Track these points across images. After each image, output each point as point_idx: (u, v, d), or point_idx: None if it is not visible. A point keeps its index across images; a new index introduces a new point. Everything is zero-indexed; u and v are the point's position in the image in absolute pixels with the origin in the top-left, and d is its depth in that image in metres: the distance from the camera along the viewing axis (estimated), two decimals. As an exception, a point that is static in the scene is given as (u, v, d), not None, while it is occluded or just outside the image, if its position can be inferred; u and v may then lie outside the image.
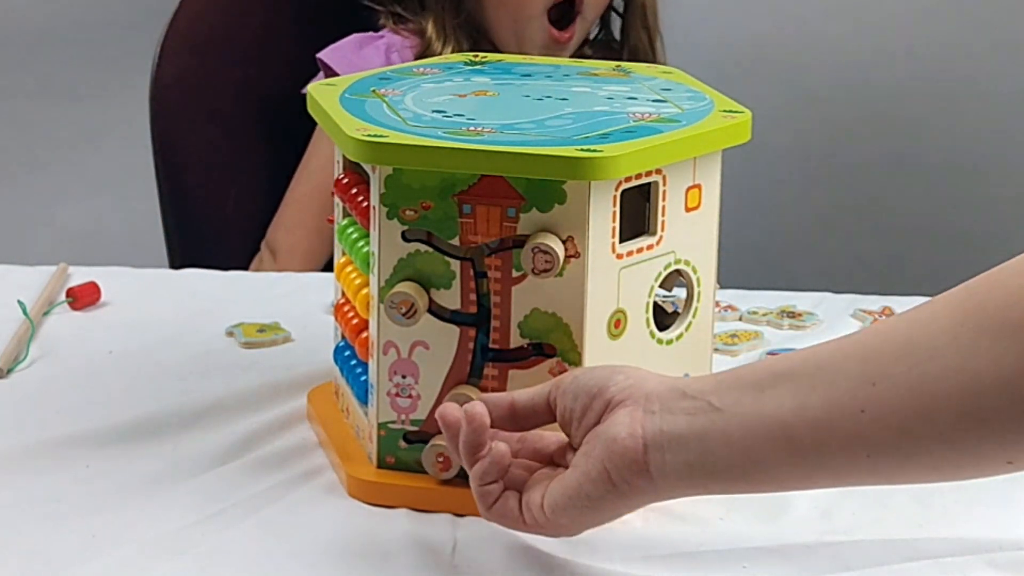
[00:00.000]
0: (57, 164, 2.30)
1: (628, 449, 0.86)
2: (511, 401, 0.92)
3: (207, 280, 1.38)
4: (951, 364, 0.77)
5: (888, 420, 0.79)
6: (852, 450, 0.81)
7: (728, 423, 0.84)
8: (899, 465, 0.81)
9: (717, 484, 0.86)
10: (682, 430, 0.85)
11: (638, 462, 0.86)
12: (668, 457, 0.85)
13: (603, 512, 0.88)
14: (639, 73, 1.15)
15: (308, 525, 0.98)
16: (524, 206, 0.95)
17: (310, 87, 1.09)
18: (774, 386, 0.83)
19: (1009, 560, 0.95)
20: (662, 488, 0.86)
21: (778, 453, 0.83)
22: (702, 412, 0.85)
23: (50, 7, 2.24)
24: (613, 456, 0.86)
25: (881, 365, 0.80)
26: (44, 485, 1.03)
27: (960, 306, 0.79)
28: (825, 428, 0.81)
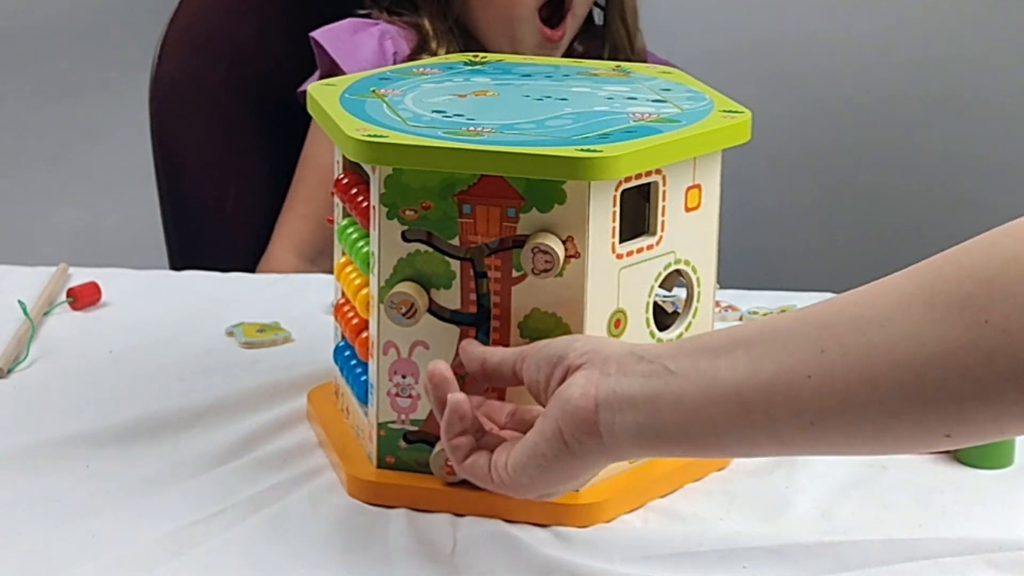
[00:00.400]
0: (57, 164, 2.30)
1: (579, 409, 0.86)
2: (483, 358, 0.94)
3: (207, 280, 1.38)
4: (898, 335, 0.78)
5: (833, 387, 0.80)
6: (798, 416, 0.81)
7: (680, 386, 0.84)
8: (842, 433, 0.81)
9: (666, 447, 0.86)
10: (634, 392, 0.85)
11: (588, 422, 0.86)
12: (618, 418, 0.86)
13: (558, 472, 0.88)
14: (639, 73, 1.15)
15: (308, 525, 0.98)
16: (524, 206, 0.95)
17: (310, 87, 1.09)
18: (730, 352, 0.84)
19: (1009, 560, 0.95)
20: (611, 448, 0.87)
21: (727, 417, 0.83)
22: (656, 375, 0.85)
23: (49, 6, 2.24)
24: (565, 416, 0.87)
25: (833, 333, 0.81)
26: (44, 485, 1.03)
27: (915, 280, 0.80)
28: (773, 393, 0.81)
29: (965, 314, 0.76)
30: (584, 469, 0.89)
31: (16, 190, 2.31)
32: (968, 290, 0.76)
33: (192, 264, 1.56)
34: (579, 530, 0.98)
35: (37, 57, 2.26)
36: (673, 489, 1.03)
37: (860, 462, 1.06)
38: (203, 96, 1.70)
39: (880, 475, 1.05)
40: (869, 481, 1.04)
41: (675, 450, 0.86)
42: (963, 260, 0.79)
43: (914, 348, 0.77)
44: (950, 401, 0.77)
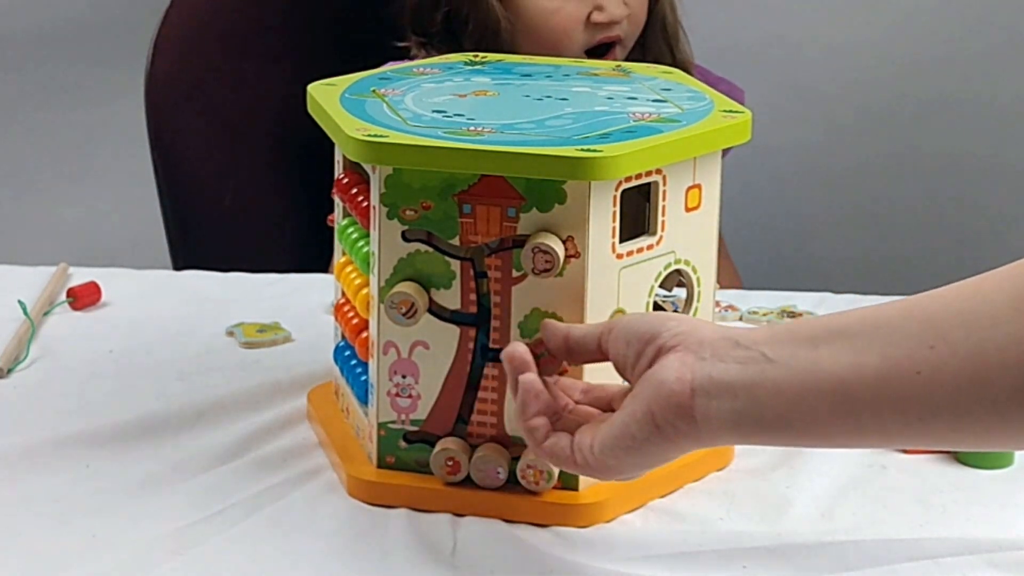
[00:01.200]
0: (56, 165, 2.29)
1: (674, 393, 0.85)
2: (566, 333, 0.93)
3: (207, 280, 1.38)
4: (1011, 335, 0.77)
5: (944, 384, 0.79)
6: (905, 412, 0.80)
7: (781, 374, 0.83)
8: (950, 430, 0.80)
9: (763, 435, 0.85)
10: (732, 378, 0.84)
11: (683, 406, 0.85)
12: (715, 404, 0.85)
13: (647, 455, 0.87)
14: (639, 73, 1.15)
15: (308, 525, 0.98)
16: (524, 206, 0.95)
17: (310, 87, 1.09)
18: (830, 342, 0.83)
19: (1009, 560, 0.95)
20: (705, 434, 0.86)
21: (831, 409, 0.82)
22: (754, 362, 0.84)
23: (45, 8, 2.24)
24: (659, 399, 0.86)
25: (941, 329, 0.80)
26: (44, 485, 1.03)
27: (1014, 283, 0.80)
28: (880, 387, 0.81)
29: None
30: (674, 452, 0.88)
31: (16, 191, 2.31)
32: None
33: (193, 259, 1.56)
34: (579, 530, 0.98)
35: (34, 58, 2.26)
36: (673, 489, 1.03)
37: (860, 462, 1.06)
38: (197, 91, 1.70)
39: (880, 475, 1.05)
40: (869, 481, 1.04)
41: (773, 438, 0.85)
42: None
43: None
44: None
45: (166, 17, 1.68)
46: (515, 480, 0.99)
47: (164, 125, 1.67)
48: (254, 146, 1.74)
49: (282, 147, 1.73)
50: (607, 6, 1.60)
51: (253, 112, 1.72)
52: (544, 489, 0.99)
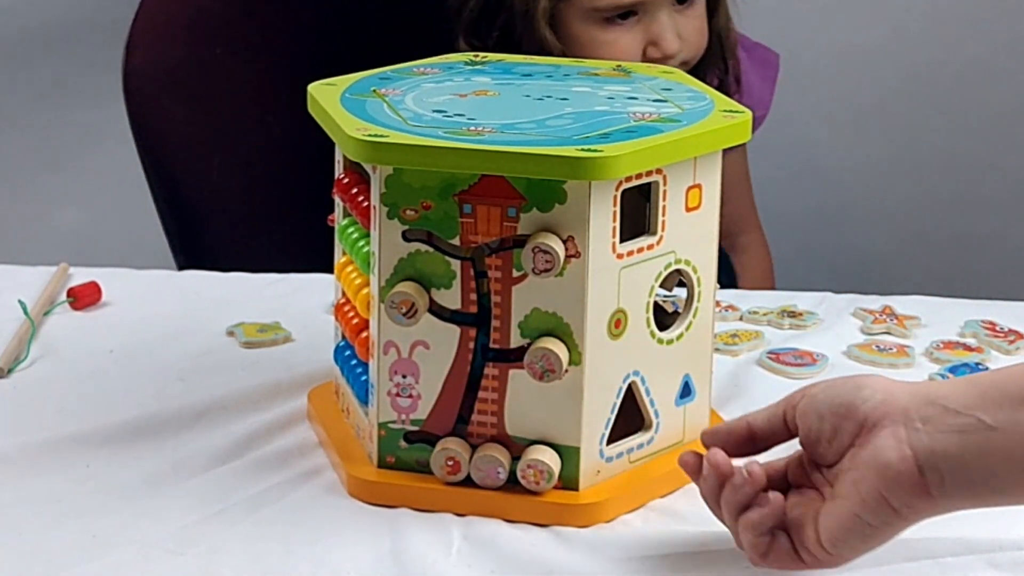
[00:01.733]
0: (52, 167, 2.29)
1: (903, 474, 0.84)
2: (747, 425, 0.92)
3: (207, 280, 1.38)
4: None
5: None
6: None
7: (1009, 441, 0.83)
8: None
9: (1002, 499, 0.85)
10: (957, 450, 0.83)
11: (917, 485, 0.84)
12: (948, 479, 0.84)
13: (885, 536, 0.86)
14: (639, 73, 1.15)
15: (308, 525, 0.98)
16: (525, 206, 0.95)
17: (311, 87, 1.09)
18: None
19: (1010, 560, 0.94)
20: (942, 507, 0.85)
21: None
22: (975, 430, 0.83)
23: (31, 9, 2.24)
24: (888, 482, 0.84)
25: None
26: (44, 485, 1.03)
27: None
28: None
29: None
30: (907, 527, 0.87)
31: (14, 194, 2.31)
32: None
33: (193, 254, 1.56)
34: (579, 530, 0.98)
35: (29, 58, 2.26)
36: (673, 489, 1.03)
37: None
38: (175, 82, 1.70)
39: (880, 475, 1.05)
40: (869, 481, 1.04)
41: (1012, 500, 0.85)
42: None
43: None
44: None
45: (139, 11, 1.67)
46: (515, 480, 0.99)
47: (147, 120, 1.67)
48: (239, 136, 1.73)
49: (268, 137, 1.72)
50: (661, 42, 1.55)
51: (234, 101, 1.72)
52: (544, 489, 0.99)
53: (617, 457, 1.01)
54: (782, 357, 1.21)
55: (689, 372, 1.04)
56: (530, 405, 0.98)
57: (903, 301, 1.32)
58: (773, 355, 1.21)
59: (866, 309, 1.31)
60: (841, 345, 1.25)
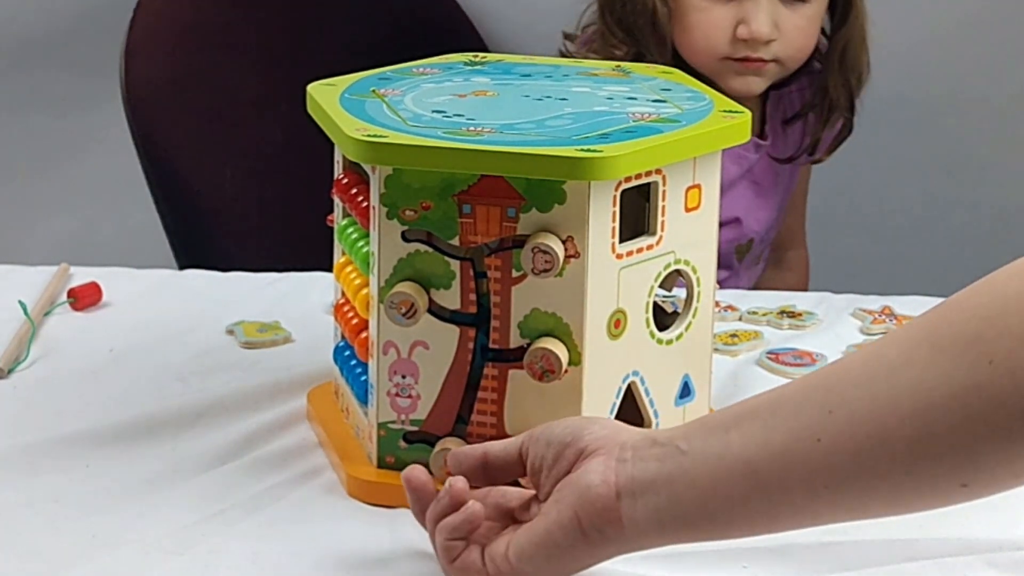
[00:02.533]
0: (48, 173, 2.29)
1: (601, 496, 0.84)
2: (483, 453, 0.92)
3: (207, 280, 1.38)
4: (905, 383, 0.77)
5: (844, 447, 0.78)
6: (811, 482, 0.80)
7: (694, 464, 0.83)
8: (858, 496, 0.79)
9: (687, 531, 0.85)
10: (651, 475, 0.84)
11: (610, 509, 0.84)
12: (639, 504, 0.84)
13: (569, 561, 0.86)
14: (639, 73, 1.15)
15: (308, 525, 0.98)
16: (524, 206, 0.95)
17: (310, 87, 1.09)
18: (739, 425, 0.82)
19: (1009, 560, 0.95)
20: (631, 537, 0.85)
21: (742, 491, 0.82)
22: (670, 457, 0.84)
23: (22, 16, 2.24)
24: (585, 504, 0.84)
25: (840, 392, 0.79)
26: (44, 485, 1.02)
27: (919, 329, 0.78)
28: (785, 461, 0.80)
29: (969, 353, 0.74)
30: (594, 560, 0.87)
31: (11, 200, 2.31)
32: (973, 329, 0.75)
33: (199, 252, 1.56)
34: (579, 530, 0.98)
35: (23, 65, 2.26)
36: (673, 489, 1.03)
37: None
38: (178, 92, 1.70)
39: (880, 475, 1.05)
40: (869, 481, 1.04)
41: (697, 533, 0.85)
42: (968, 302, 0.77)
43: (922, 396, 0.76)
44: (962, 448, 0.75)
45: (133, 23, 1.67)
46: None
47: (149, 130, 1.67)
48: (241, 141, 1.74)
49: (269, 139, 1.72)
50: (752, 21, 1.53)
51: (235, 106, 1.72)
52: (544, 489, 0.99)
53: (617, 457, 1.01)
54: (781, 357, 1.21)
55: (688, 372, 1.04)
56: (530, 405, 0.98)
57: (903, 301, 1.32)
58: (772, 355, 1.21)
59: (865, 309, 1.31)
60: (840, 345, 1.25)
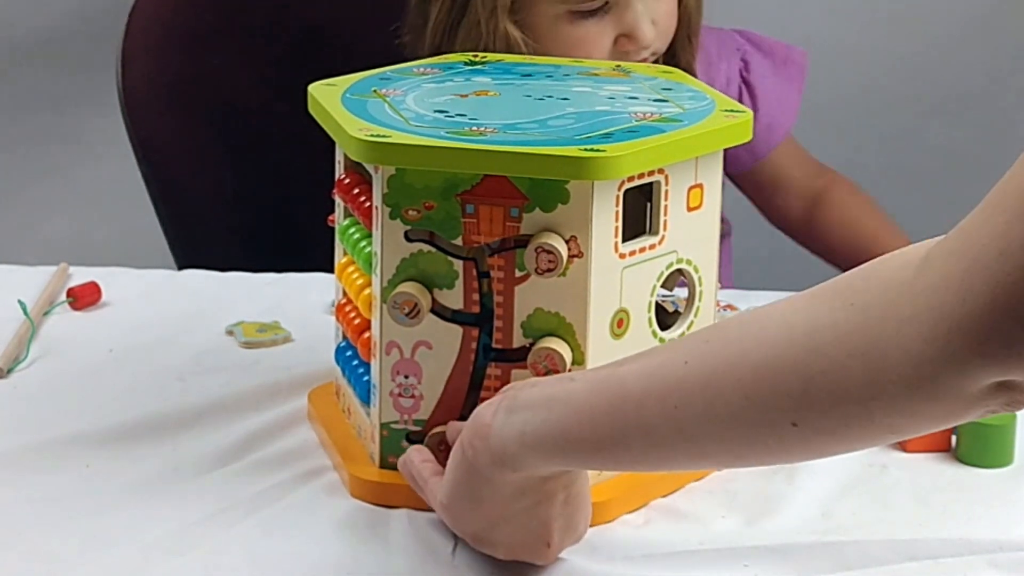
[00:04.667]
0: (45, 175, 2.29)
1: (479, 415, 0.87)
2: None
3: (207, 280, 1.38)
4: (774, 320, 0.78)
5: (702, 368, 0.80)
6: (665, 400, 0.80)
7: (575, 387, 0.85)
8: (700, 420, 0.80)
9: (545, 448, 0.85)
10: (535, 397, 0.85)
11: (483, 425, 0.86)
12: (510, 418, 0.85)
13: (464, 490, 0.88)
14: (639, 73, 1.15)
15: (309, 525, 0.98)
16: (527, 206, 0.95)
17: (311, 87, 1.09)
18: (636, 358, 0.84)
19: (1010, 560, 0.95)
20: (498, 453, 0.85)
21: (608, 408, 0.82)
22: (559, 383, 0.86)
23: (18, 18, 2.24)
24: (469, 423, 0.87)
25: (724, 328, 0.81)
26: (44, 485, 1.02)
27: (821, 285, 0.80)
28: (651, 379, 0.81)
29: (837, 298, 0.76)
30: (484, 487, 0.87)
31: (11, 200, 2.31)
32: (848, 280, 0.77)
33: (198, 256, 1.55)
34: (581, 530, 0.98)
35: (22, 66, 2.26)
36: (675, 488, 1.03)
37: (861, 461, 1.06)
38: (176, 93, 1.69)
39: (881, 474, 1.05)
40: (870, 480, 1.04)
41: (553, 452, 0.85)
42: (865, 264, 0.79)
43: (783, 331, 0.77)
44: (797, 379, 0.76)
45: (130, 24, 1.67)
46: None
47: (146, 132, 1.67)
48: (240, 141, 1.74)
49: (267, 141, 1.72)
50: (636, 32, 1.42)
51: (233, 107, 1.72)
52: (546, 489, 0.99)
53: (619, 457, 1.01)
54: (782, 357, 1.21)
55: (690, 372, 1.04)
56: (532, 405, 0.98)
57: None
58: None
59: (865, 309, 1.31)
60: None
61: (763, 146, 1.56)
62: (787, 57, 1.60)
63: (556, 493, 0.89)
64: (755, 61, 1.57)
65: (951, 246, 0.73)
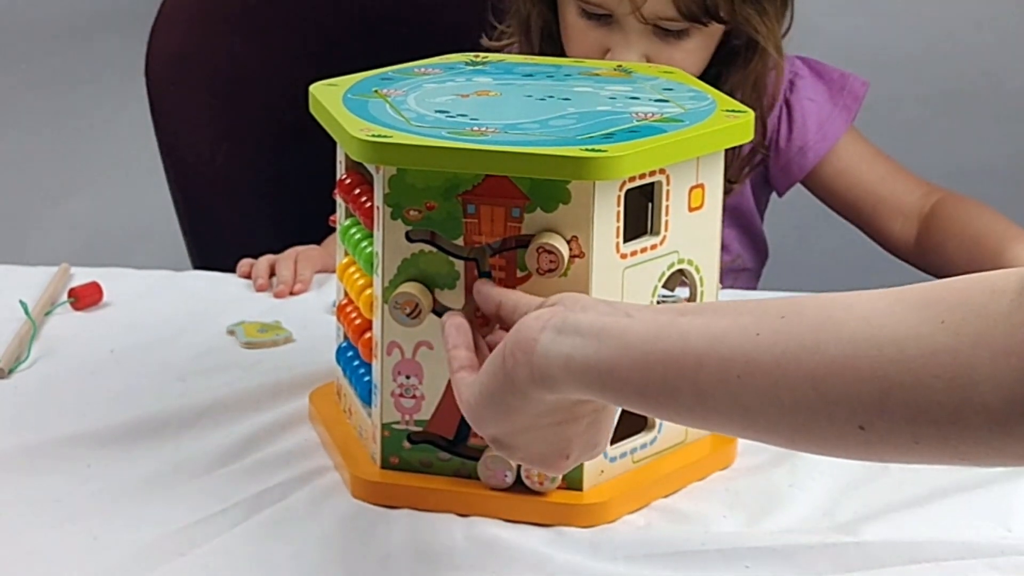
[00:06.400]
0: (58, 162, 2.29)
1: (525, 328, 0.83)
2: (498, 303, 0.92)
3: (208, 280, 1.38)
4: (857, 315, 0.76)
5: (774, 345, 0.77)
6: (728, 368, 0.78)
7: (631, 325, 0.81)
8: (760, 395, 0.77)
9: (590, 382, 0.81)
10: (586, 323, 0.82)
11: (527, 340, 0.82)
12: (558, 340, 0.82)
13: (498, 400, 0.84)
14: (641, 73, 1.15)
15: (310, 525, 0.98)
16: (528, 206, 0.95)
17: (312, 88, 1.09)
18: (698, 313, 0.81)
19: (1011, 564, 0.95)
20: (539, 366, 0.82)
21: (662, 359, 0.79)
22: (613, 314, 0.82)
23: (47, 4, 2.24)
24: (514, 334, 0.84)
25: (800, 308, 0.78)
26: (44, 485, 1.02)
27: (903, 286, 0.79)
28: (716, 342, 0.78)
29: (927, 311, 0.74)
30: (518, 399, 0.84)
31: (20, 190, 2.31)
32: (938, 294, 0.75)
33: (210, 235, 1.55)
34: (582, 530, 0.98)
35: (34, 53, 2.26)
36: (676, 489, 1.03)
37: (862, 462, 1.06)
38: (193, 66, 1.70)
39: (882, 474, 1.05)
40: (871, 481, 1.04)
41: (596, 385, 0.82)
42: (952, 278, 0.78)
43: (864, 328, 0.75)
44: (875, 387, 0.74)
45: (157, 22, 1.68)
46: (519, 480, 0.99)
47: (161, 100, 1.67)
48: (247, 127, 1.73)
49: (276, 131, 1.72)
50: (614, 52, 1.42)
51: (246, 91, 1.72)
52: (548, 489, 0.99)
53: (620, 457, 1.01)
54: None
55: (692, 372, 1.04)
56: (533, 405, 0.98)
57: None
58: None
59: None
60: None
61: (796, 168, 1.55)
62: (843, 85, 1.59)
63: (585, 415, 0.87)
64: (804, 84, 1.55)
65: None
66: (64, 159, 2.30)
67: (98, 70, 2.22)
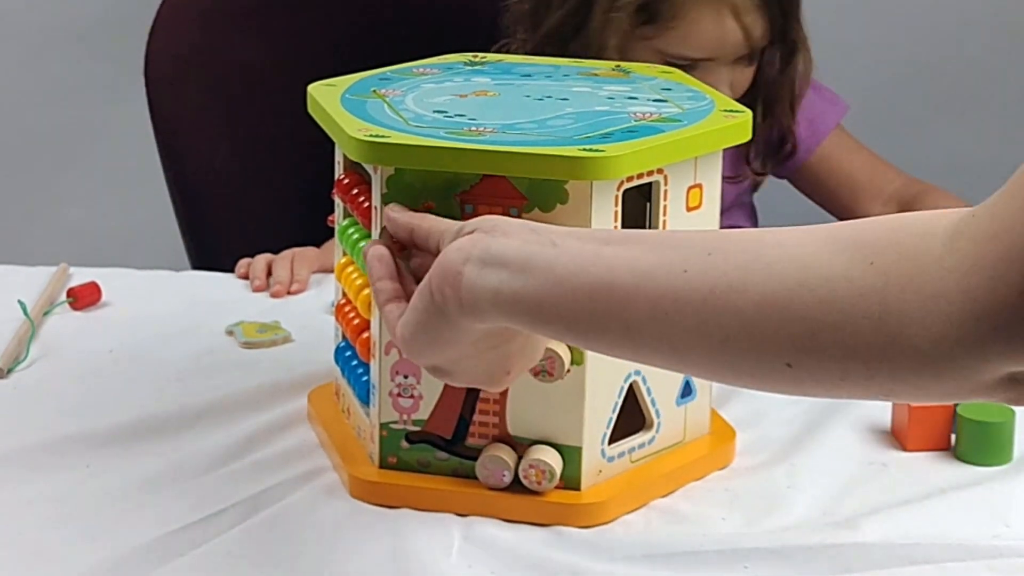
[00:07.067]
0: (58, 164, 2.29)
1: (448, 261, 0.82)
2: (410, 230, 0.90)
3: (207, 280, 1.38)
4: (787, 255, 0.76)
5: (703, 281, 0.76)
6: (657, 303, 0.77)
7: (557, 257, 0.80)
8: (688, 333, 0.77)
9: (518, 314, 0.81)
10: (511, 253, 0.81)
11: (453, 273, 0.81)
12: (483, 273, 0.81)
13: (429, 330, 0.84)
14: (639, 73, 1.15)
15: (309, 525, 0.98)
16: (526, 206, 0.95)
17: (311, 87, 1.09)
18: (621, 243, 0.80)
19: (1009, 566, 0.95)
20: (468, 305, 0.81)
21: (590, 294, 0.79)
22: (538, 244, 0.81)
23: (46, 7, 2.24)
24: (437, 268, 0.83)
25: (728, 244, 0.78)
26: (44, 485, 1.02)
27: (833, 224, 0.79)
28: (644, 278, 0.78)
29: (857, 253, 0.74)
30: (450, 329, 0.84)
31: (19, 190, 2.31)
32: (869, 234, 0.75)
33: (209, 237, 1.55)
34: (581, 530, 0.98)
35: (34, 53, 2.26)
36: (674, 489, 1.03)
37: (860, 460, 1.06)
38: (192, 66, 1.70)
39: (881, 474, 1.05)
40: (870, 480, 1.04)
41: (526, 319, 0.81)
42: (880, 218, 0.78)
43: (794, 268, 0.75)
44: (803, 325, 0.74)
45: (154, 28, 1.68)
46: (517, 480, 0.99)
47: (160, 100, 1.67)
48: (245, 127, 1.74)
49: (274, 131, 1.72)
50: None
51: (244, 91, 1.72)
52: (546, 489, 0.99)
53: (619, 457, 1.01)
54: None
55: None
56: (532, 405, 0.98)
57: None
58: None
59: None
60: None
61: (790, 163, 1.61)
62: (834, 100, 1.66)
63: (519, 333, 0.86)
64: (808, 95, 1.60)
65: (984, 228, 0.71)
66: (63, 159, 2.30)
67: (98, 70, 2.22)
